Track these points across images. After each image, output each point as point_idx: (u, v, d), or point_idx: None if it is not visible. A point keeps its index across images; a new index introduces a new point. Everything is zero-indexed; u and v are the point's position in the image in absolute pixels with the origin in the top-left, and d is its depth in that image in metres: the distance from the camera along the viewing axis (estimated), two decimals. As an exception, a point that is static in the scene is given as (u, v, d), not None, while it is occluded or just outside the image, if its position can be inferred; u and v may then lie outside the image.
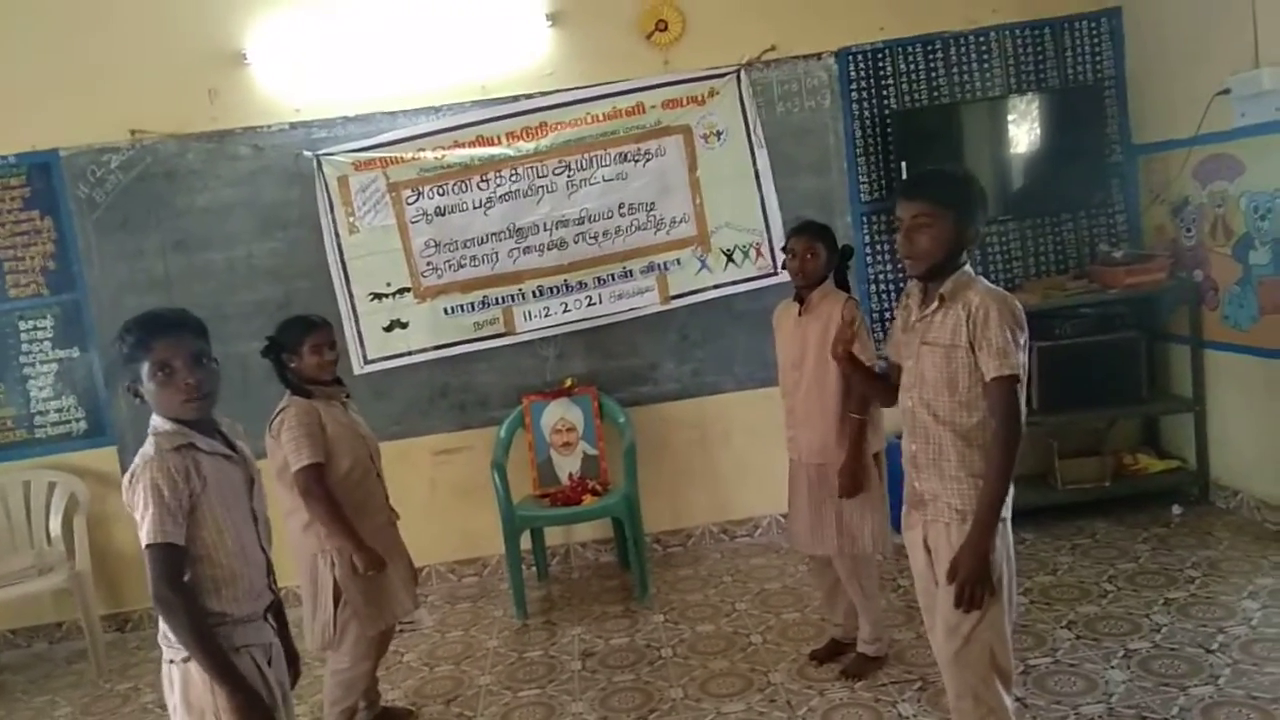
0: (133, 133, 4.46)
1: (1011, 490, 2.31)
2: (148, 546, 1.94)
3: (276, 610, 2.25)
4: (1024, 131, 4.70)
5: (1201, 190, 4.33)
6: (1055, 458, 4.53)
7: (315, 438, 2.94)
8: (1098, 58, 4.81)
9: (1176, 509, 4.42)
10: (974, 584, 2.26)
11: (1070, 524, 4.39)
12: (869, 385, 2.82)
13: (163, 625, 2.07)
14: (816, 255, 3.23)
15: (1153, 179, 4.70)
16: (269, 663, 2.12)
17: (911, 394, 2.40)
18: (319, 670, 3.31)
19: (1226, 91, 4.00)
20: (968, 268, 2.35)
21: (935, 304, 2.32)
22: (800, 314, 3.27)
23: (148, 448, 2.01)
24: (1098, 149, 4.74)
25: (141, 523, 1.95)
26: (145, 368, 1.98)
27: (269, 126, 4.55)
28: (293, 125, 4.56)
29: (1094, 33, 4.80)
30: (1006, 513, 2.31)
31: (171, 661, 2.06)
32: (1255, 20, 3.84)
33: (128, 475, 2.01)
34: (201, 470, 2.02)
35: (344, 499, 2.98)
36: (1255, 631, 3.24)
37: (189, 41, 4.46)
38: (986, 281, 2.35)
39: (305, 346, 3.03)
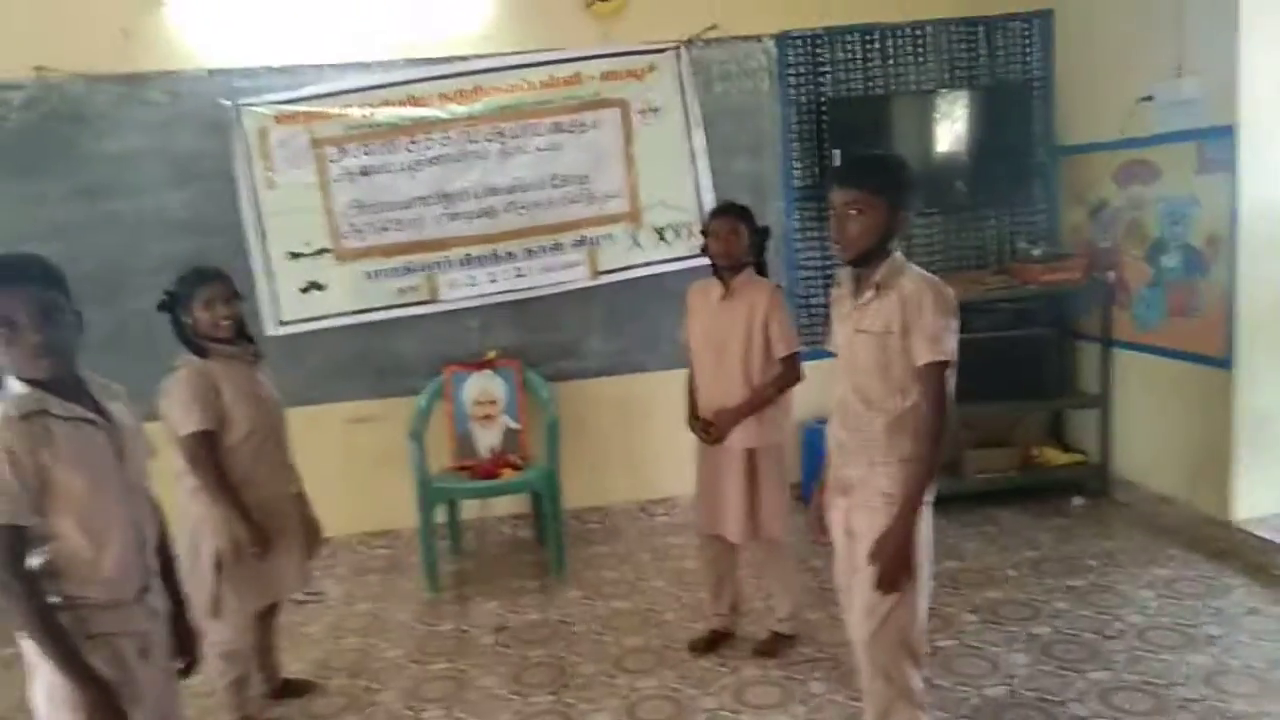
0: (37, 70, 4.20)
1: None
2: None
3: (171, 586, 2.10)
4: (953, 126, 4.76)
5: (1120, 194, 4.47)
6: (966, 447, 4.64)
7: (204, 401, 2.76)
8: (1028, 58, 4.91)
9: (1078, 500, 4.58)
10: (896, 567, 2.29)
11: (978, 512, 4.51)
12: None
13: None
14: (738, 235, 3.22)
15: (1074, 180, 4.82)
16: (144, 651, 1.94)
17: (844, 381, 2.41)
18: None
19: (1149, 98, 4.13)
20: (898, 254, 2.37)
21: (871, 292, 2.33)
22: (723, 297, 3.26)
23: None
24: (1023, 148, 4.83)
25: None
26: None
27: (186, 72, 4.34)
28: (211, 72, 4.35)
29: (1025, 33, 4.90)
30: (929, 497, 2.34)
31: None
32: (1181, 31, 3.96)
33: None
34: (55, 440, 1.80)
35: (237, 466, 2.82)
36: (1150, 620, 3.38)
37: (100, -25, 4.22)
38: (918, 268, 2.37)
39: (197, 301, 2.82)
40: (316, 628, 3.83)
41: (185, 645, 2.14)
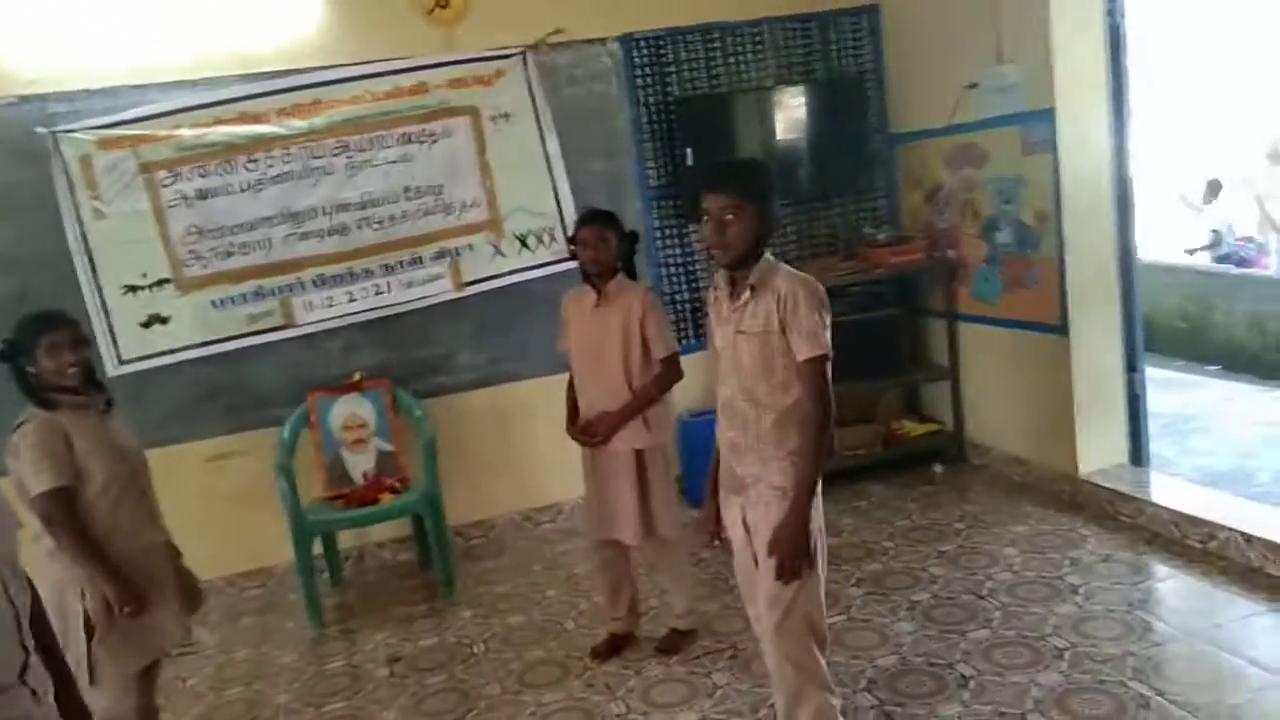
0: None
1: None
2: None
3: (53, 661, 1.94)
4: (794, 120, 4.93)
5: (953, 177, 4.74)
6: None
7: (57, 457, 2.56)
8: (859, 52, 5.14)
9: (938, 468, 4.84)
10: (794, 556, 2.35)
11: (847, 488, 4.68)
12: None
13: None
14: (607, 242, 3.23)
15: (910, 166, 5.08)
16: None
17: (729, 382, 2.46)
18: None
19: (974, 86, 4.39)
20: (769, 255, 2.43)
21: (746, 294, 2.39)
22: (597, 304, 3.27)
23: None
24: (860, 138, 5.05)
25: None
26: None
27: (-8, 98, 3.99)
28: (23, 98, 4.02)
29: (855, 28, 5.12)
30: (818, 485, 2.42)
31: None
32: (999, 20, 4.23)
33: None
34: None
35: (98, 522, 2.62)
36: (1018, 576, 3.61)
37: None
38: (788, 267, 2.45)
39: (41, 349, 2.60)
40: (196, 680, 3.62)
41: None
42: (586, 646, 3.48)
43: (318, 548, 4.25)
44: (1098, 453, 4.20)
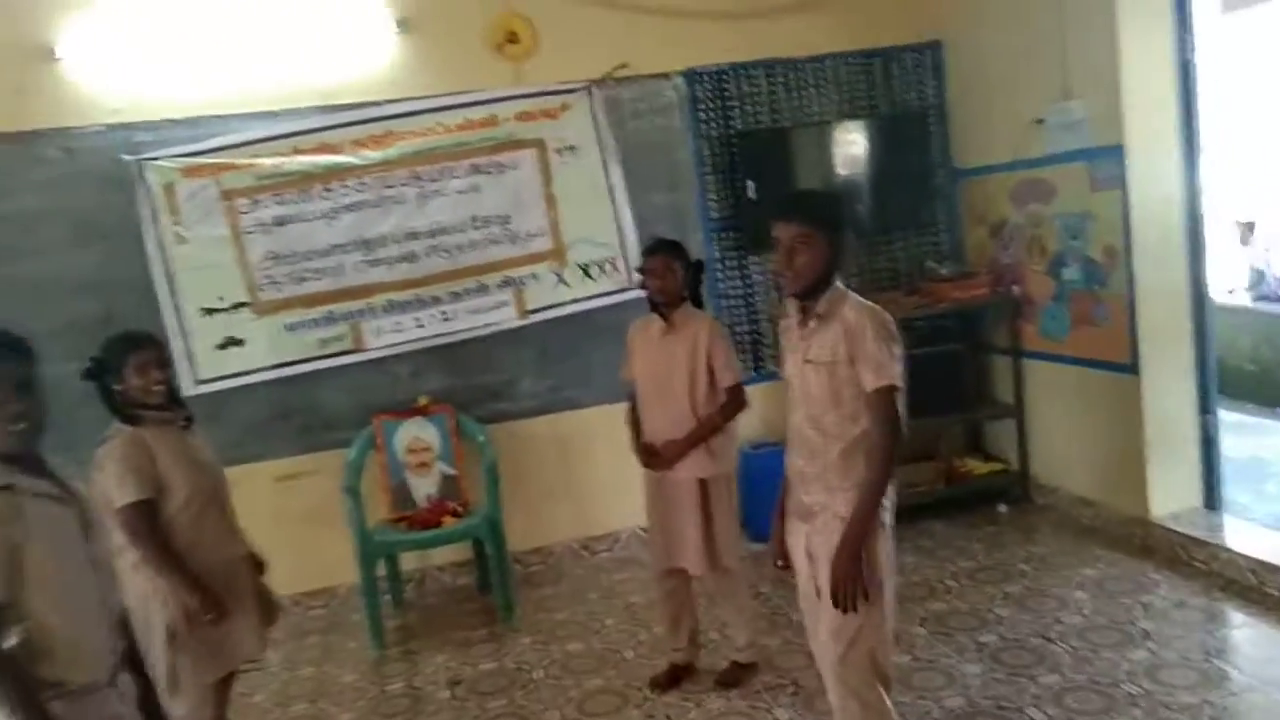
0: (-79, 132, 3.97)
1: (894, 496, 2.41)
2: None
3: (136, 668, 2.02)
4: (857, 155, 4.94)
5: (1018, 212, 4.70)
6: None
7: (141, 471, 2.66)
8: (922, 87, 5.15)
9: (1003, 507, 4.76)
10: (849, 583, 2.32)
11: (910, 526, 4.61)
12: None
13: None
14: (674, 272, 3.27)
15: (973, 201, 5.06)
16: None
17: (798, 411, 2.47)
18: None
19: (1041, 121, 4.37)
20: (839, 284, 2.44)
21: (814, 322, 2.40)
22: (664, 333, 3.30)
23: None
24: (923, 172, 5.05)
25: None
26: None
27: (82, 127, 4.17)
28: (110, 127, 4.20)
29: (918, 64, 5.13)
30: (889, 518, 2.41)
31: None
32: (1065, 56, 4.21)
33: None
34: (25, 516, 1.76)
35: (180, 535, 2.72)
36: (1088, 620, 3.53)
37: (-11, 33, 4.02)
38: (858, 296, 2.45)
39: (129, 367, 2.71)
40: (261, 696, 3.68)
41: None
42: (646, 676, 3.48)
43: (381, 569, 4.31)
44: (1169, 496, 4.11)
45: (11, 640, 1.72)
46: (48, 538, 1.79)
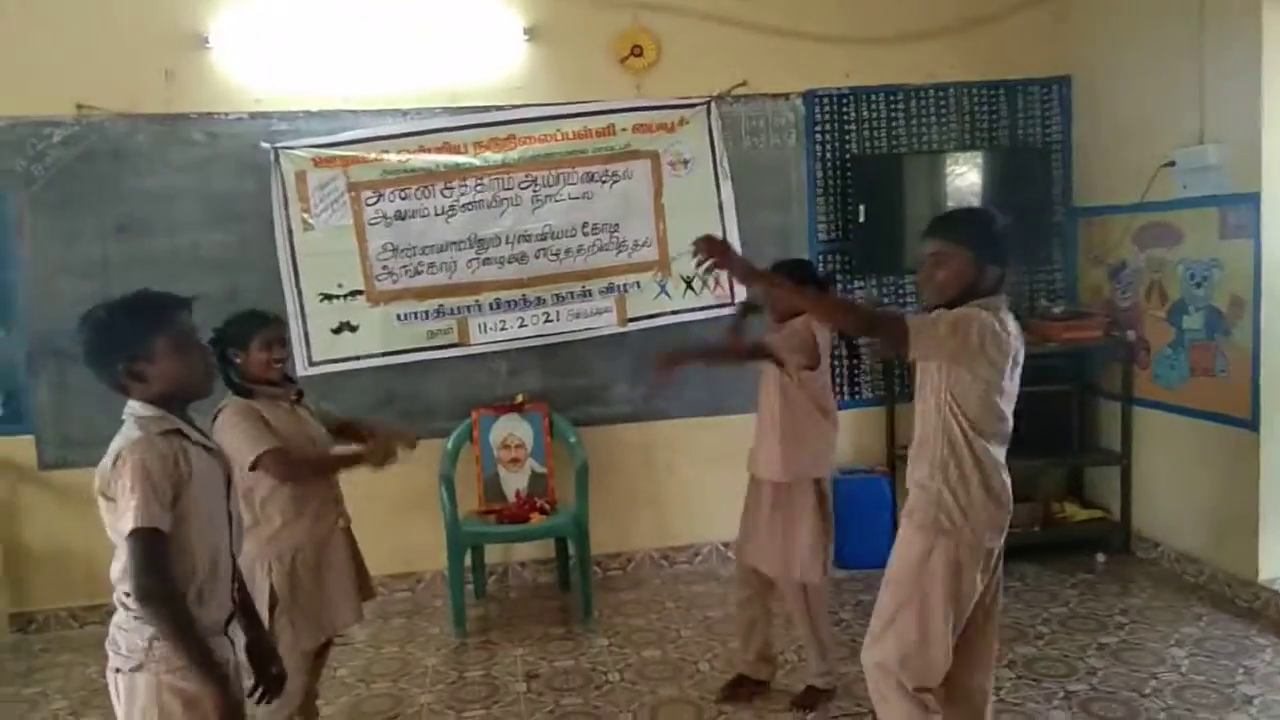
0: (79, 107, 4.25)
1: (960, 516, 2.38)
2: (133, 532, 1.81)
3: (249, 617, 2.14)
4: (974, 186, 4.86)
5: (1139, 255, 4.56)
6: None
7: (261, 428, 2.77)
8: (1047, 122, 5.04)
9: (1101, 557, 4.60)
10: (711, 248, 2.62)
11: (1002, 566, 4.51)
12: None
13: (112, 630, 1.93)
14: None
15: (1092, 241, 4.92)
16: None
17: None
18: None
19: (1172, 163, 4.23)
20: (981, 301, 2.35)
21: None
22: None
23: (131, 430, 1.92)
24: (1041, 209, 4.93)
25: (125, 508, 1.83)
26: (161, 341, 1.95)
27: (226, 114, 4.40)
28: (252, 115, 4.41)
29: (1044, 98, 5.03)
30: (964, 538, 2.38)
31: (119, 670, 1.92)
32: (1201, 100, 4.08)
33: (108, 459, 1.89)
34: (189, 458, 1.93)
35: (284, 504, 2.84)
36: (1185, 678, 3.39)
37: (147, 18, 4.28)
38: (981, 307, 2.33)
39: (255, 342, 2.84)
40: (345, 671, 3.79)
41: (263, 672, 2.17)
42: (719, 690, 3.47)
43: (465, 560, 4.41)
44: (1282, 559, 3.92)
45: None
46: (202, 484, 1.95)
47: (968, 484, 2.36)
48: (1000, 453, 2.42)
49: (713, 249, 2.61)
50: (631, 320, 4.68)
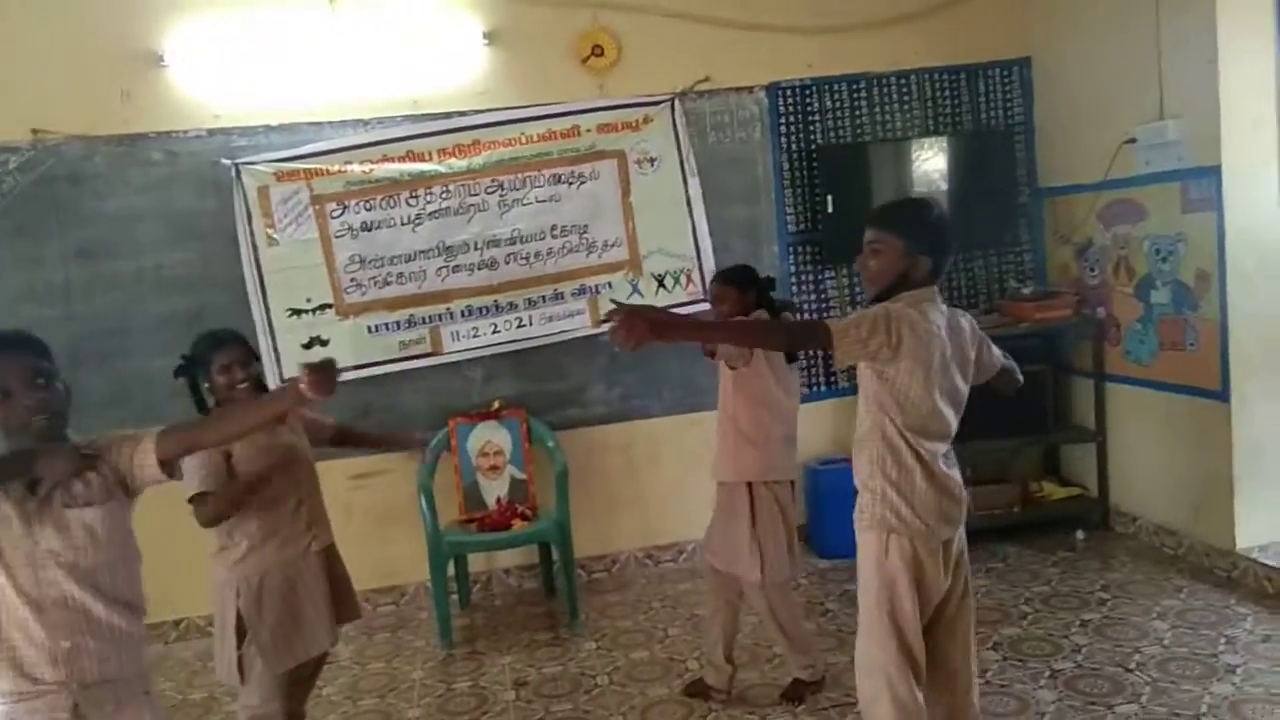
0: (35, 132, 4.18)
1: (918, 510, 2.35)
2: None
3: None
4: (940, 171, 4.89)
5: (1105, 233, 4.60)
6: (967, 485, 4.69)
7: (208, 463, 2.66)
8: (1009, 104, 5.07)
9: (1080, 534, 4.64)
10: (625, 324, 2.20)
11: (983, 548, 4.53)
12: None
13: None
14: (724, 299, 3.28)
15: (1058, 221, 4.96)
16: None
17: None
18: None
19: (1133, 140, 4.27)
20: (908, 295, 2.34)
21: None
22: None
23: None
24: (1006, 190, 4.97)
25: None
26: None
27: (185, 132, 4.34)
28: (210, 132, 4.36)
29: (1005, 80, 5.06)
30: (919, 529, 2.36)
31: None
32: (1160, 75, 4.12)
33: None
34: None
35: (255, 525, 2.79)
36: (1168, 651, 3.43)
37: (101, 39, 4.22)
38: (907, 303, 2.32)
39: (214, 367, 2.77)
40: (332, 689, 3.75)
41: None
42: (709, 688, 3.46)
43: (450, 570, 4.39)
44: (1258, 527, 3.96)
45: None
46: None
47: (910, 478, 2.32)
48: (940, 446, 2.37)
49: (629, 332, 2.18)
50: (605, 321, 4.64)
